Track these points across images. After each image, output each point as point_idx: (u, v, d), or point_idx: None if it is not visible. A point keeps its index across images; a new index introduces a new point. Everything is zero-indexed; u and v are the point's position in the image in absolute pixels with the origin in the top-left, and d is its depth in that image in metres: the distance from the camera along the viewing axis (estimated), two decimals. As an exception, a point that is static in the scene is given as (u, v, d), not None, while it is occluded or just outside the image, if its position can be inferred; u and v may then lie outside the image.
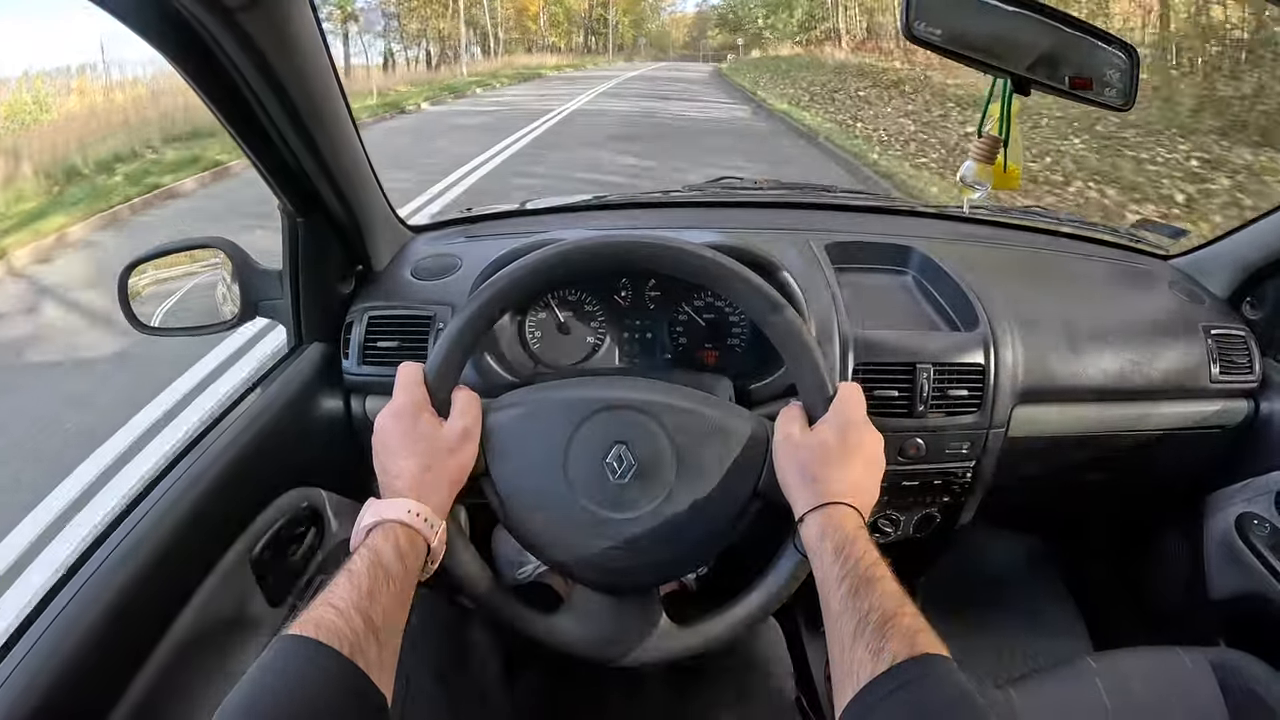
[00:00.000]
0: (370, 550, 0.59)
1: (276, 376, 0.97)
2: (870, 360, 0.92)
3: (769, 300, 0.69)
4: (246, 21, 0.64)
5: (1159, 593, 1.23)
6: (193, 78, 0.71)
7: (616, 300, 1.01)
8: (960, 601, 1.35)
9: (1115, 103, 0.84)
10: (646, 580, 0.71)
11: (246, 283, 1.01)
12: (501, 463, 0.69)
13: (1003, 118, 0.83)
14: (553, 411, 0.70)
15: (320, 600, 0.54)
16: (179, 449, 0.85)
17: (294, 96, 0.75)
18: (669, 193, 1.28)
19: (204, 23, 0.63)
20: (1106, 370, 0.99)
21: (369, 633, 0.53)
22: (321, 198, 0.92)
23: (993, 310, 0.97)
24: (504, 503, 0.69)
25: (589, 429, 0.68)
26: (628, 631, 0.71)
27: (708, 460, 0.68)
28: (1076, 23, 0.81)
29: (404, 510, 0.62)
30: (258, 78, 0.71)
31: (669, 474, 0.68)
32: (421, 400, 0.68)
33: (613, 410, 0.69)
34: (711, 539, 0.70)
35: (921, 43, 0.76)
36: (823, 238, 1.08)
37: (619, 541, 0.68)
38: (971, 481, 0.97)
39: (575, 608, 0.72)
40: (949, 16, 0.77)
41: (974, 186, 0.87)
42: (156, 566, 0.71)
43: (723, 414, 0.70)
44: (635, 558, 0.68)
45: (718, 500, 0.68)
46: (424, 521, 0.62)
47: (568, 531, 0.68)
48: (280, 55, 0.71)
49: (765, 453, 0.69)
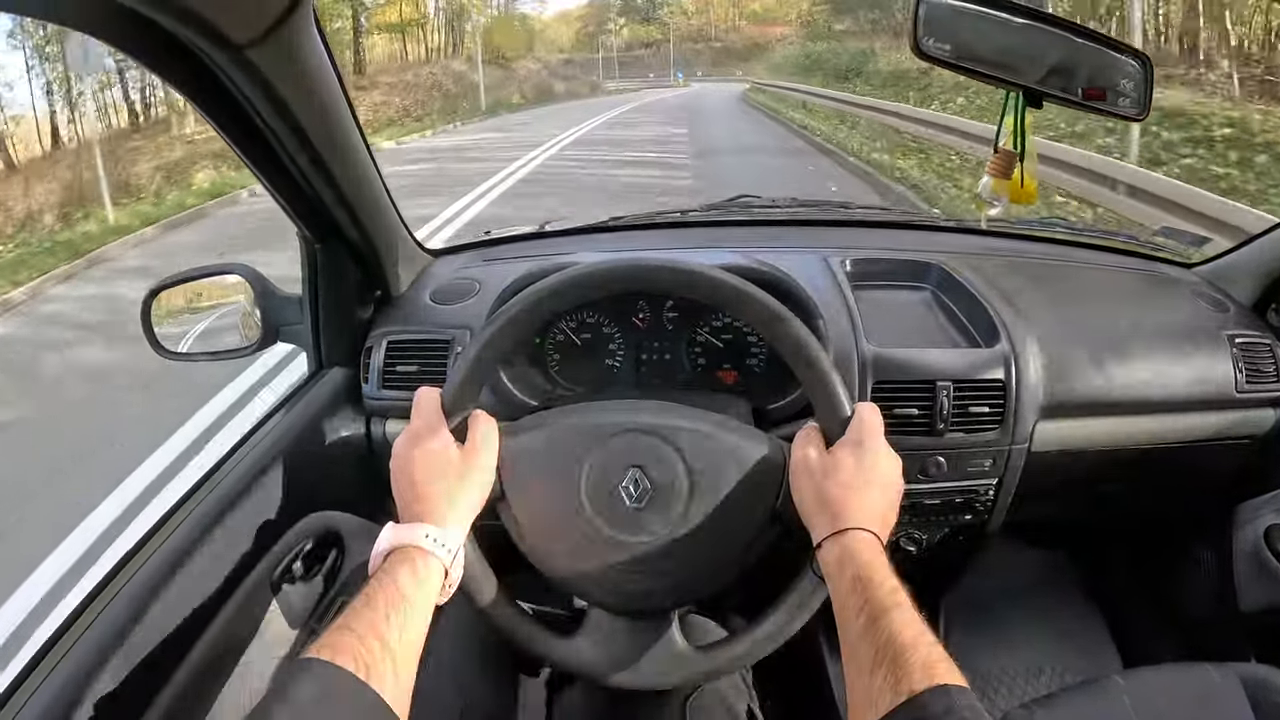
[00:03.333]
0: (387, 575, 0.59)
1: (298, 401, 0.99)
2: (889, 379, 0.92)
3: (783, 321, 0.69)
4: (256, 56, 0.65)
5: (1188, 606, 1.20)
6: (207, 111, 0.72)
7: (634, 322, 1.01)
8: (988, 620, 1.33)
9: (1129, 112, 0.83)
10: (663, 604, 0.71)
11: (267, 308, 1.02)
12: (518, 487, 0.69)
13: (1017, 132, 0.83)
14: (568, 436, 0.70)
15: (337, 624, 0.55)
16: (202, 473, 0.87)
17: (307, 127, 0.77)
18: (687, 212, 1.28)
19: (214, 59, 0.64)
20: (1130, 382, 0.97)
21: (386, 657, 0.53)
22: (339, 225, 0.93)
23: (1012, 325, 0.96)
24: (520, 527, 0.70)
25: (604, 453, 0.68)
26: (644, 655, 0.70)
27: (723, 483, 0.68)
28: (1088, 33, 0.81)
29: (421, 535, 0.62)
30: (270, 110, 0.72)
31: (684, 497, 0.68)
32: (438, 425, 0.68)
33: (628, 434, 0.69)
34: (728, 562, 0.69)
35: (931, 59, 0.77)
36: (841, 255, 1.07)
37: (635, 565, 0.67)
38: (995, 499, 0.96)
39: (591, 631, 0.72)
40: (958, 31, 0.78)
41: (991, 202, 0.86)
42: (178, 588, 0.72)
43: (738, 436, 0.70)
44: (651, 581, 0.68)
45: (734, 523, 0.68)
46: (441, 546, 0.62)
47: (584, 555, 0.68)
48: (292, 87, 0.72)
49: (782, 476, 0.68)
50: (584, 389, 1.01)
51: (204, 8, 0.56)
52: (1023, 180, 0.85)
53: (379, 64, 28.71)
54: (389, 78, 25.42)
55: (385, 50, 31.01)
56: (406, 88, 24.15)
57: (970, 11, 0.78)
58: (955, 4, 0.77)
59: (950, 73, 0.81)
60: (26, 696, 0.60)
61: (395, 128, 18.26)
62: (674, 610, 0.72)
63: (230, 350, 1.07)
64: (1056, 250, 1.19)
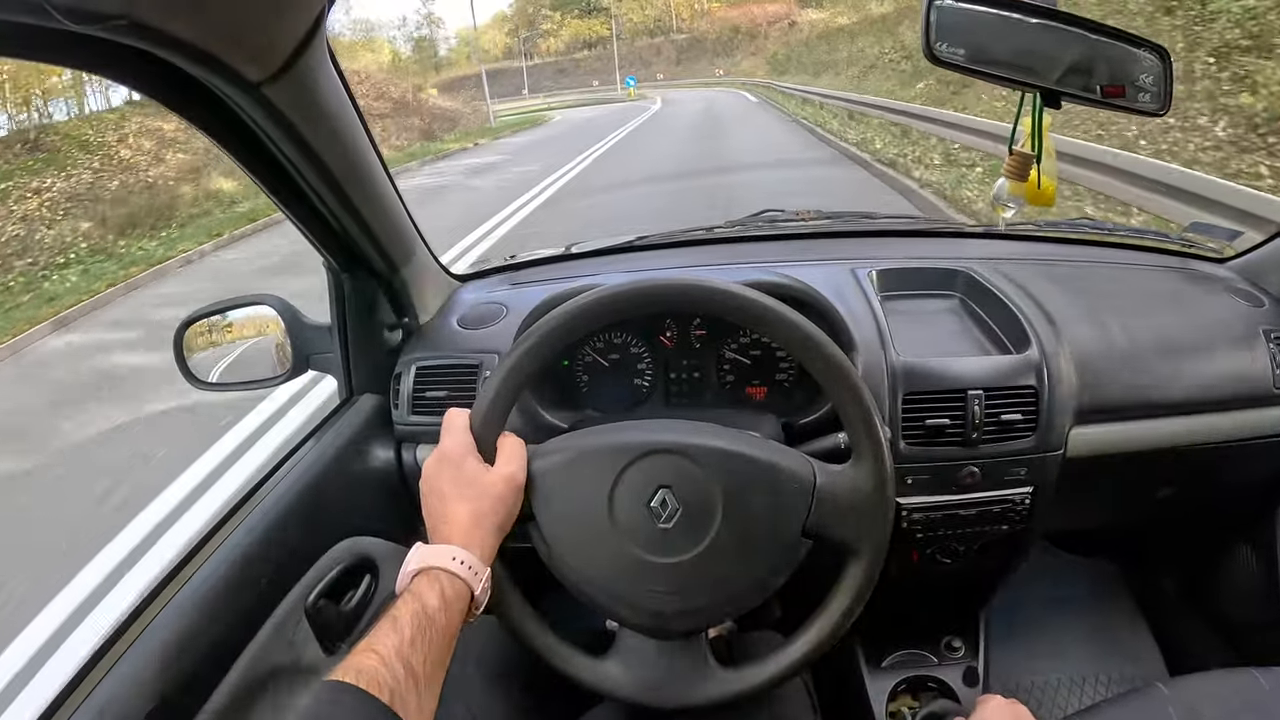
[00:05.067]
0: (415, 597, 0.59)
1: (329, 428, 1.00)
2: (919, 389, 0.90)
3: (811, 338, 0.69)
4: (273, 93, 0.66)
5: (1233, 610, 1.16)
6: (227, 147, 0.74)
7: (662, 340, 1.01)
8: (1031, 631, 1.30)
9: (1150, 107, 0.82)
10: (694, 624, 0.70)
11: (297, 337, 1.04)
12: (547, 509, 0.69)
13: (1034, 133, 0.82)
14: (597, 457, 0.70)
15: (363, 647, 0.55)
16: (235, 500, 0.88)
17: (328, 160, 0.78)
18: (712, 229, 1.28)
19: (232, 97, 0.66)
20: (1165, 383, 0.95)
21: (410, 681, 0.53)
22: (364, 255, 0.95)
23: (1042, 329, 0.94)
24: (550, 548, 0.70)
25: (633, 474, 0.68)
26: (675, 676, 0.70)
27: (753, 502, 0.68)
28: (1104, 29, 0.80)
29: (449, 558, 0.62)
30: (290, 145, 0.74)
31: (714, 517, 0.67)
32: (467, 446, 0.68)
33: (656, 454, 0.69)
34: (760, 581, 0.69)
35: (944, 64, 0.76)
36: (868, 266, 1.07)
37: (665, 586, 0.67)
38: (1031, 507, 0.94)
39: (622, 652, 0.71)
40: (972, 35, 0.77)
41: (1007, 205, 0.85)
42: (213, 615, 0.73)
43: (767, 454, 0.70)
44: (682, 601, 0.68)
45: (765, 542, 0.68)
46: (469, 570, 0.62)
47: (613, 576, 0.68)
48: (310, 123, 0.73)
49: (812, 492, 0.68)
50: (613, 409, 1.01)
51: (218, 48, 0.58)
52: (1039, 182, 0.84)
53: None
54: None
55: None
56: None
57: (983, 14, 0.77)
58: (967, 7, 0.77)
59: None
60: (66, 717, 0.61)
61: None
62: (705, 630, 0.71)
63: (262, 380, 1.09)
64: (1086, 251, 1.17)
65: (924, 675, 1.09)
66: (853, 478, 0.68)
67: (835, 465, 0.70)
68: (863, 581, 0.68)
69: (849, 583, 0.69)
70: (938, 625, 1.12)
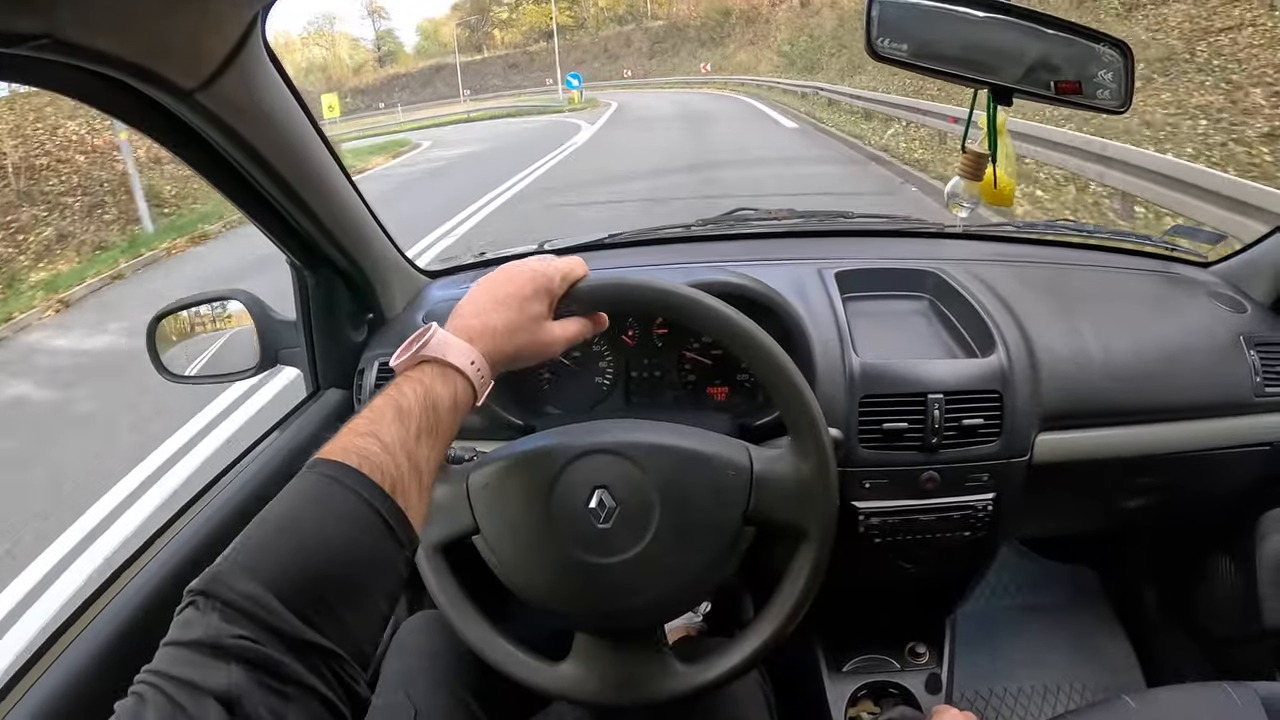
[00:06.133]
0: (425, 390, 0.54)
1: (293, 421, 1.02)
2: (877, 392, 0.89)
3: (733, 323, 0.67)
4: (207, 99, 0.66)
5: (1211, 621, 1.13)
6: (176, 151, 0.74)
7: (624, 339, 1.01)
8: (1007, 637, 1.28)
9: (1110, 105, 0.80)
10: (645, 621, 0.70)
11: (266, 332, 1.06)
12: (489, 520, 0.69)
13: (989, 131, 0.80)
14: (530, 464, 0.70)
15: (363, 428, 0.50)
16: (195, 492, 0.90)
17: (274, 162, 0.78)
18: (687, 227, 1.28)
19: (169, 105, 0.66)
20: (1139, 388, 0.92)
21: (413, 475, 0.50)
22: (324, 252, 0.96)
23: (1009, 332, 0.92)
24: (497, 557, 0.70)
25: (568, 477, 0.68)
26: (634, 675, 0.70)
27: (690, 493, 0.67)
28: (1058, 23, 0.78)
29: (468, 360, 0.57)
30: (234, 148, 0.74)
31: (653, 512, 0.67)
32: (556, 292, 0.64)
33: (589, 455, 0.68)
34: (707, 572, 0.68)
35: (887, 60, 0.75)
36: (834, 266, 1.05)
37: (611, 586, 0.67)
38: (994, 514, 0.92)
39: (579, 656, 0.71)
40: (915, 30, 0.76)
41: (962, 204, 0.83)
42: (163, 609, 0.74)
43: (700, 444, 0.69)
44: (630, 599, 0.67)
45: (707, 532, 0.67)
46: (480, 377, 0.58)
47: (560, 581, 0.68)
48: (250, 126, 0.73)
49: (749, 478, 0.67)
50: (574, 408, 1.01)
51: (146, 59, 0.58)
52: (996, 181, 0.81)
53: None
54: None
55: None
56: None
57: (927, 8, 0.76)
58: (911, 2, 0.75)
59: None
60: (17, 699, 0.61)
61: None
62: (659, 627, 0.71)
63: (230, 373, 1.11)
64: (1065, 254, 1.14)
65: (886, 681, 1.07)
66: (791, 460, 0.67)
67: (772, 450, 0.69)
68: (812, 567, 0.67)
69: (798, 568, 0.68)
70: (902, 630, 1.10)
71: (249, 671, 0.38)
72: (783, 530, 0.68)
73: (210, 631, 0.39)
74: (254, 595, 0.40)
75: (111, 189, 9.68)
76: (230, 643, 0.38)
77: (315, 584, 0.42)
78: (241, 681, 0.37)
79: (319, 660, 0.40)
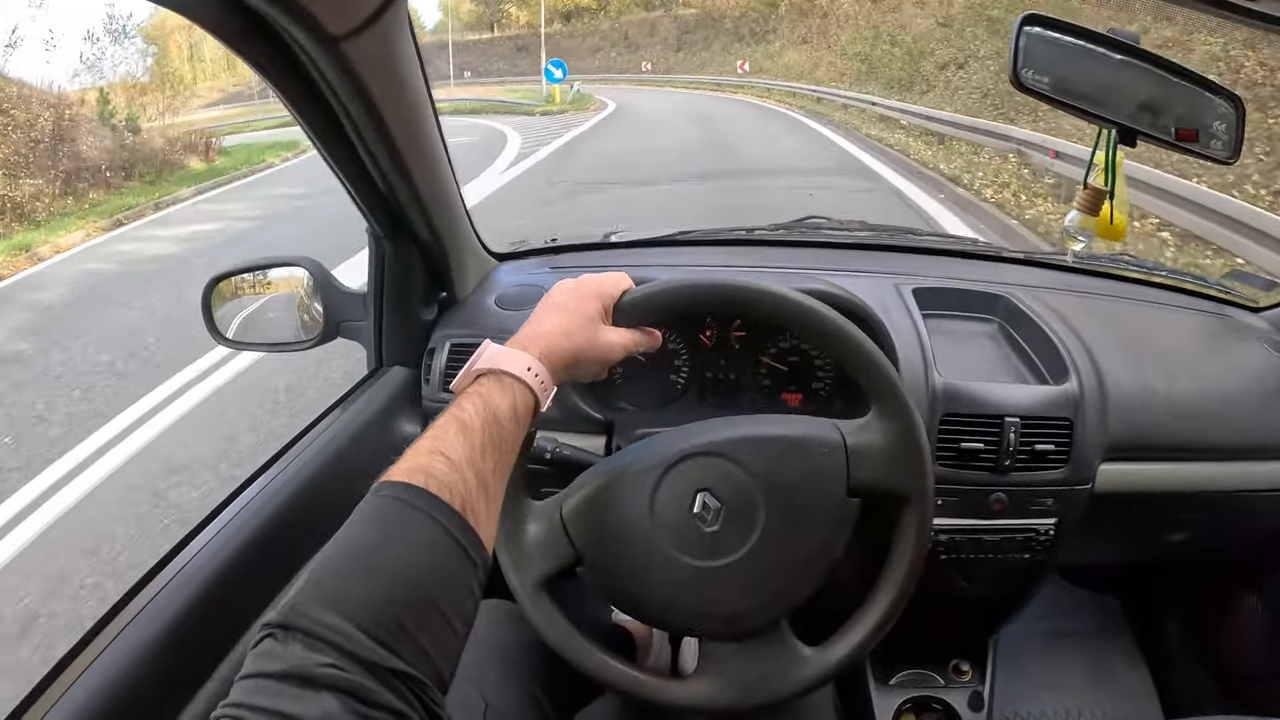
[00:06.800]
0: (485, 402, 0.54)
1: (356, 398, 0.98)
2: (958, 412, 0.90)
3: (870, 356, 0.67)
4: (350, 49, 0.65)
5: (1234, 658, 1.18)
6: (292, 102, 0.72)
7: (702, 339, 1.00)
8: (1034, 660, 1.31)
9: (1220, 155, 0.82)
10: (766, 617, 0.68)
11: (329, 303, 1.02)
12: (592, 547, 0.68)
13: (1108, 168, 0.82)
14: (624, 482, 0.68)
15: (427, 447, 0.50)
16: (258, 467, 0.86)
17: (391, 125, 0.77)
18: (754, 230, 1.28)
19: (308, 50, 0.64)
20: (1201, 426, 0.96)
21: (480, 491, 0.49)
22: (410, 224, 0.93)
23: (1082, 362, 0.94)
24: (609, 582, 0.68)
25: (666, 487, 0.67)
26: (766, 672, 0.69)
27: (791, 479, 0.67)
28: (1183, 72, 0.80)
29: (523, 366, 0.57)
30: (357, 105, 0.72)
31: (758, 506, 0.66)
32: (608, 299, 0.65)
33: (684, 461, 0.68)
34: (820, 555, 0.67)
35: (1029, 91, 0.76)
36: (910, 282, 1.06)
37: (729, 587, 0.66)
38: (1054, 539, 0.94)
39: (709, 666, 0.69)
40: (1057, 64, 0.77)
41: (1077, 238, 0.86)
42: (227, 581, 0.71)
43: (789, 428, 0.69)
44: (750, 597, 0.67)
45: (813, 515, 0.67)
46: (539, 382, 0.58)
47: (676, 593, 0.67)
48: (382, 82, 0.72)
49: (845, 451, 0.67)
50: (647, 404, 1.00)
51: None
52: (1112, 217, 0.84)
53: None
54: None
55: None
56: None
57: (1069, 45, 0.77)
58: (1056, 36, 0.77)
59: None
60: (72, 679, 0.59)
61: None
62: (783, 619, 0.70)
63: (287, 343, 1.07)
64: (1123, 287, 1.18)
65: (930, 696, 1.09)
66: (879, 426, 0.68)
67: (859, 421, 0.69)
68: (919, 526, 0.67)
69: (905, 529, 0.68)
70: (948, 647, 1.12)
71: (341, 700, 0.37)
72: (885, 495, 0.68)
73: (295, 662, 0.38)
74: (334, 625, 0.40)
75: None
76: (319, 672, 0.38)
77: (393, 611, 0.42)
78: (335, 710, 0.37)
79: (403, 686, 0.40)
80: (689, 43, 33.56)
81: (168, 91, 21.92)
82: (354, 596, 0.41)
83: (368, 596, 0.42)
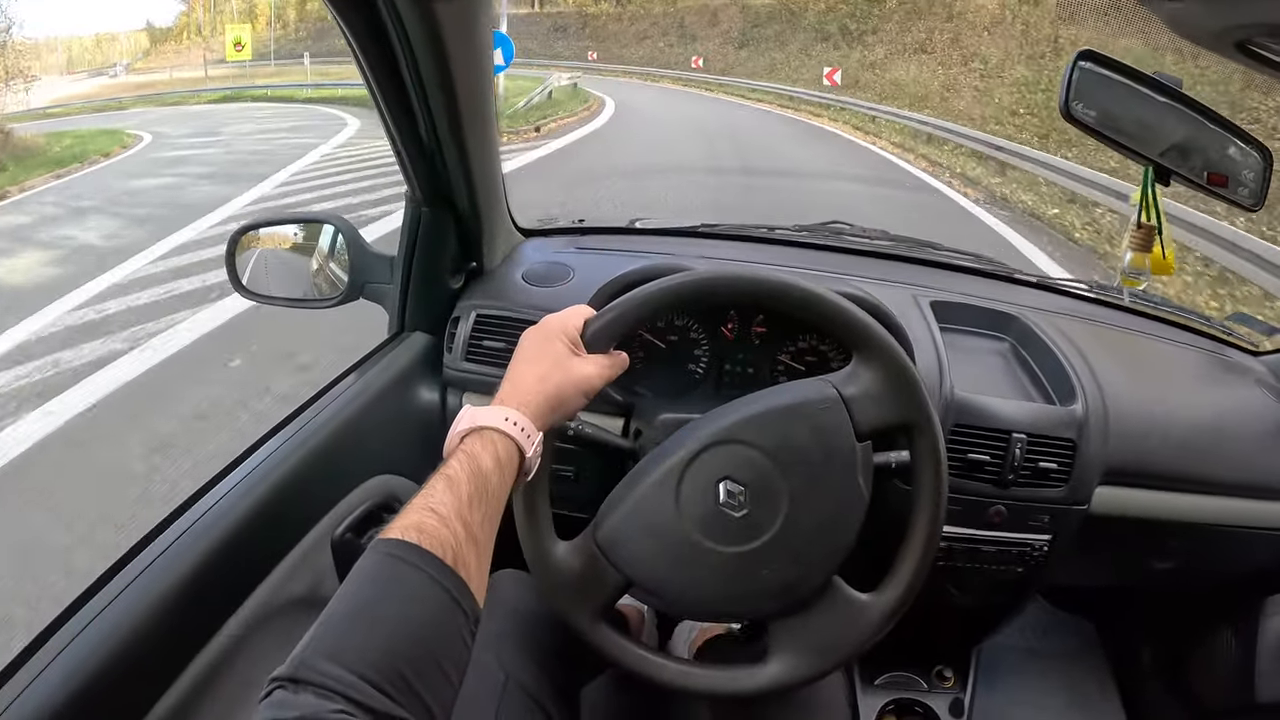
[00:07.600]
0: (469, 457, 0.57)
1: (376, 361, 0.98)
2: (968, 424, 0.93)
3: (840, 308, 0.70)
4: (442, 10, 0.66)
5: (1204, 690, 1.22)
6: (365, 56, 0.73)
7: (723, 331, 1.02)
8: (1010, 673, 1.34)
9: (1246, 202, 0.86)
10: (822, 577, 0.70)
11: (357, 263, 1.02)
12: (636, 567, 0.68)
13: (1153, 205, 0.85)
14: (649, 492, 0.69)
15: (418, 505, 0.52)
16: (273, 426, 0.86)
17: (460, 91, 0.77)
18: (776, 229, 1.29)
19: (396, 6, 0.65)
20: (1196, 459, 0.99)
21: (470, 542, 0.52)
22: (451, 190, 0.93)
23: (1089, 386, 0.98)
24: (660, 596, 0.69)
25: (688, 486, 0.69)
26: (834, 635, 0.70)
27: (800, 444, 0.69)
28: (1221, 120, 0.84)
29: (500, 418, 0.60)
30: (431, 66, 0.73)
31: (778, 477, 0.68)
32: (572, 332, 0.68)
33: (697, 458, 0.69)
34: (852, 503, 0.69)
35: (1077, 123, 0.79)
36: (928, 295, 1.09)
37: (776, 561, 0.68)
38: (1047, 554, 0.97)
39: (779, 646, 0.70)
40: (1104, 100, 0.80)
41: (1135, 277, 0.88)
42: (236, 540, 0.71)
43: (783, 398, 0.71)
44: (800, 565, 0.68)
45: (832, 471, 0.69)
46: (520, 431, 0.60)
47: (729, 584, 0.68)
48: (459, 48, 0.73)
49: (842, 401, 0.69)
50: (664, 392, 1.01)
51: None
52: (1164, 253, 0.87)
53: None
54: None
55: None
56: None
57: (1117, 83, 0.80)
58: (1105, 74, 0.79)
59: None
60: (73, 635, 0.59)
61: None
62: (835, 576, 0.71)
63: (310, 300, 1.06)
64: (1129, 319, 1.21)
65: (913, 699, 1.12)
66: (867, 370, 0.70)
67: (843, 370, 0.71)
68: (933, 450, 0.69)
69: (922, 457, 0.70)
70: (933, 654, 1.15)
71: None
72: (891, 430, 0.70)
73: (309, 711, 0.40)
74: (340, 676, 0.42)
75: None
76: (333, 718, 0.40)
77: (394, 662, 0.45)
78: None
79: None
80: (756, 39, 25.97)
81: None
82: (357, 650, 0.44)
83: (368, 651, 0.44)
